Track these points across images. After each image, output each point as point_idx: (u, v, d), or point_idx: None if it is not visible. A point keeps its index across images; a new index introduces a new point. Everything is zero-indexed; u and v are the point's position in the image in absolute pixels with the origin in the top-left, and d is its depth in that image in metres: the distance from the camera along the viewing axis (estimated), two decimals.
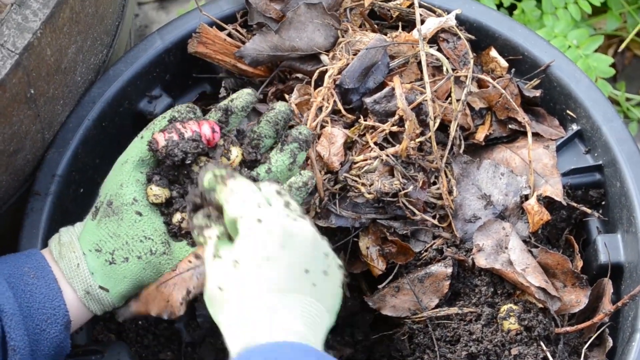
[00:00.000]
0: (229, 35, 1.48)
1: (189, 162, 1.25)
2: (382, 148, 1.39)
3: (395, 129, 1.39)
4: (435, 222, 1.40)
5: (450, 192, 1.40)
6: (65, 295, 1.21)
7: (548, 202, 1.42)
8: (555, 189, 1.42)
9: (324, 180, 1.38)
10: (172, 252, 1.25)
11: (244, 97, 1.32)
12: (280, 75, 1.48)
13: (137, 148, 1.27)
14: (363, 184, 1.37)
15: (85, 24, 1.35)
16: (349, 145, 1.40)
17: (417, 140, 1.38)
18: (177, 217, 1.26)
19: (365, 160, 1.38)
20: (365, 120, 1.40)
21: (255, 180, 1.28)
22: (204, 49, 1.44)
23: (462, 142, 1.43)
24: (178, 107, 1.29)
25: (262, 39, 1.44)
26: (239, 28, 1.49)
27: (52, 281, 1.21)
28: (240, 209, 1.09)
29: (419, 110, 1.39)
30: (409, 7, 1.48)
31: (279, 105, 1.32)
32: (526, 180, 1.42)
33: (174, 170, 1.27)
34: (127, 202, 1.24)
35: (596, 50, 1.87)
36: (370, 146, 1.39)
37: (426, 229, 1.40)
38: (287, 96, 1.43)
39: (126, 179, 1.25)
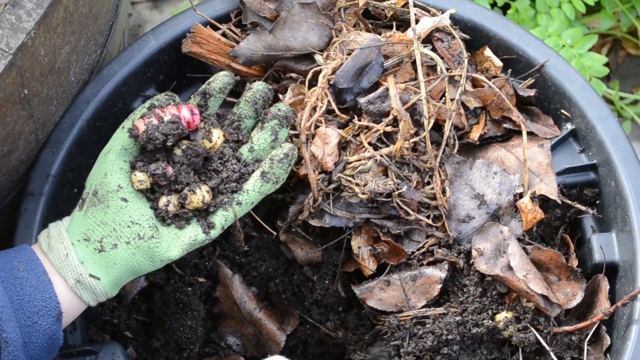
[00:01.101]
0: (223, 34, 1.48)
1: (170, 144, 1.25)
2: (376, 148, 1.39)
3: (389, 129, 1.39)
4: (429, 222, 1.40)
5: (443, 192, 1.40)
6: (56, 286, 1.21)
7: (543, 201, 1.43)
8: (550, 188, 1.42)
9: (318, 180, 1.38)
10: (161, 236, 1.25)
11: (220, 78, 1.33)
12: (275, 74, 1.48)
13: (119, 137, 1.28)
14: (357, 184, 1.37)
15: (79, 24, 1.35)
16: (343, 146, 1.40)
17: (411, 140, 1.38)
18: (163, 200, 1.26)
19: (360, 160, 1.38)
20: (359, 121, 1.40)
21: (239, 160, 1.29)
22: (198, 48, 1.44)
23: (457, 141, 1.43)
24: (157, 96, 1.30)
25: (256, 39, 1.44)
26: (233, 28, 1.49)
27: (42, 273, 1.21)
28: None
29: (413, 110, 1.39)
30: (403, 6, 1.48)
31: (257, 85, 1.33)
32: (519, 178, 1.42)
33: (156, 155, 1.27)
34: (112, 190, 1.24)
35: (590, 50, 1.87)
36: (364, 146, 1.39)
37: (420, 228, 1.40)
38: (281, 96, 1.43)
39: (110, 167, 1.26)
